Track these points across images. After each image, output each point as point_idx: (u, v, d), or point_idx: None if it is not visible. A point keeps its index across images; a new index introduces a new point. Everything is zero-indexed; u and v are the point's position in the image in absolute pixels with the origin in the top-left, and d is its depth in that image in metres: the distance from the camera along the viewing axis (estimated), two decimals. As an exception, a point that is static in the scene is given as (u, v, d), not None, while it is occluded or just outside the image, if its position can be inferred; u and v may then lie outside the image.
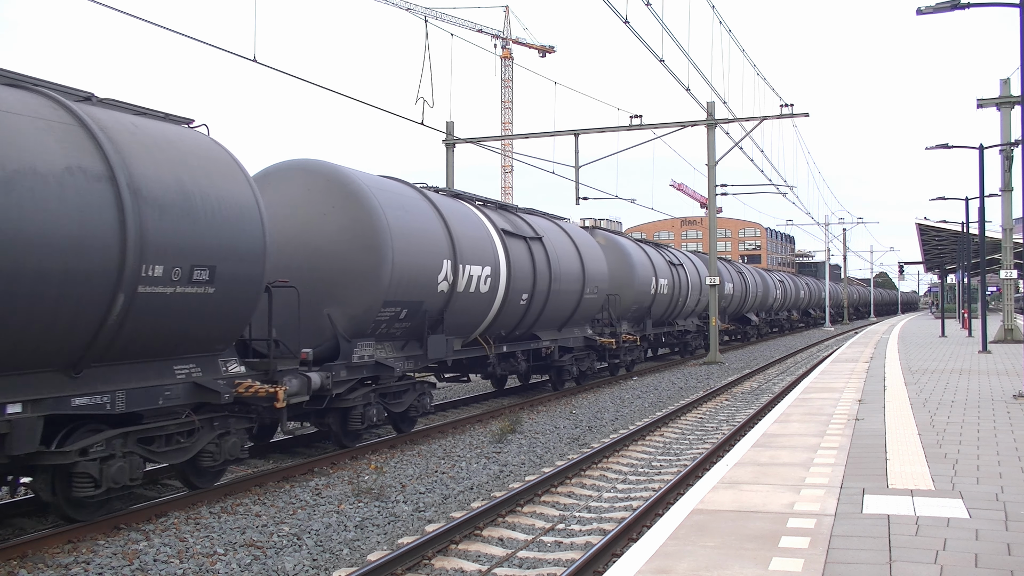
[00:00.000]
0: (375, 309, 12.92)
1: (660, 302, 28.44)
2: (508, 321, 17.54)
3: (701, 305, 33.93)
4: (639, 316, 27.02)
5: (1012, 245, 30.47)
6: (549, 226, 20.35)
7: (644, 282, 26.32)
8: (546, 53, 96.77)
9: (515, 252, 17.45)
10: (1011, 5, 15.44)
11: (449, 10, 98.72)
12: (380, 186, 13.87)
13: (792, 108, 30.86)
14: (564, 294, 19.53)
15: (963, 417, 11.86)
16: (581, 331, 21.67)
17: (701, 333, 34.99)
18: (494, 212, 18.10)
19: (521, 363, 18.92)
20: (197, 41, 14.41)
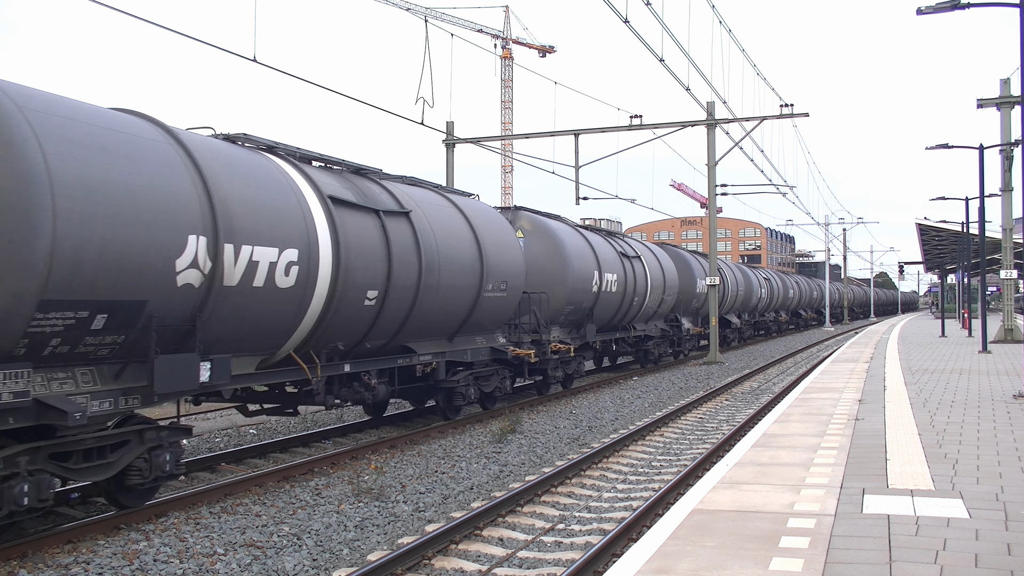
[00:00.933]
0: (18, 315, 7.75)
1: (607, 302, 23.15)
2: (347, 330, 12.41)
3: (666, 306, 29.22)
4: (577, 320, 21.77)
5: (1012, 245, 30.47)
6: (430, 200, 15.32)
7: (582, 277, 21.16)
8: (546, 53, 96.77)
9: (353, 230, 12.21)
10: (1011, 5, 15.44)
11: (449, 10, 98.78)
12: (47, 108, 8.35)
13: (792, 108, 30.88)
14: (448, 291, 14.60)
15: (963, 417, 11.86)
16: (488, 340, 16.80)
17: (669, 339, 30.44)
18: (324, 173, 12.76)
19: (377, 388, 13.42)
20: (197, 41, 14.41)
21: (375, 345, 13.50)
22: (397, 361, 14.19)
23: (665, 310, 29.55)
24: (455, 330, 15.56)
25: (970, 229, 35.80)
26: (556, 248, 20.54)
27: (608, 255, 23.55)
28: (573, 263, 20.73)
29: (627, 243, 26.85)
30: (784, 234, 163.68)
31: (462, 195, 17.49)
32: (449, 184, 32.54)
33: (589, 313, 22.20)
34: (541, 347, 19.21)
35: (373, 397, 13.47)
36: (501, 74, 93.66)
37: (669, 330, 30.07)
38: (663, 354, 30.25)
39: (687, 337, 32.61)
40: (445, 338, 15.46)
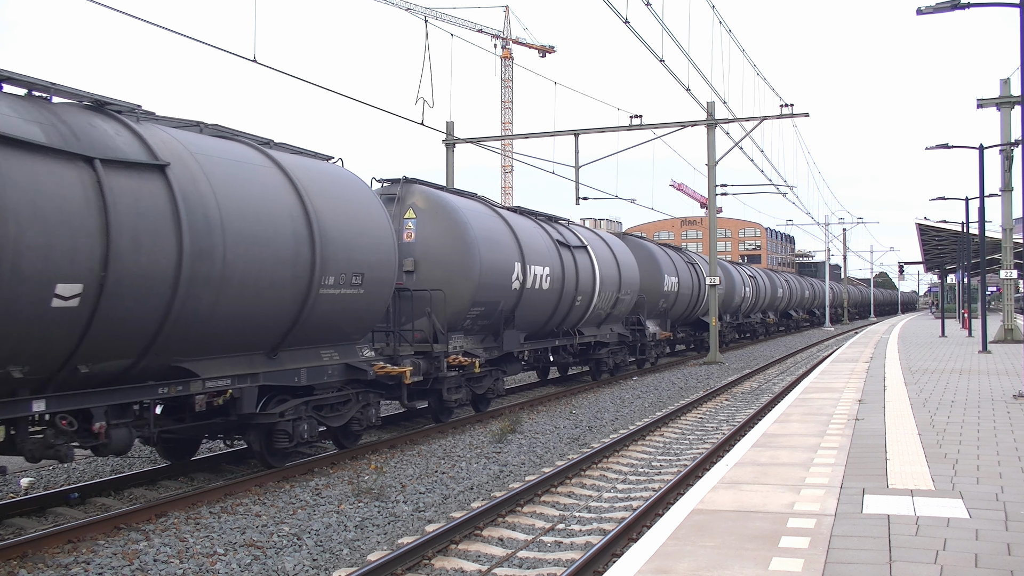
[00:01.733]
0: None
1: (536, 302, 18.58)
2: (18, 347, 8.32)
3: (624, 307, 24.67)
4: (490, 324, 17.11)
5: (1012, 245, 30.46)
6: (226, 154, 11.18)
7: (496, 270, 16.61)
8: (546, 53, 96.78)
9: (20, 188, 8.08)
10: (1011, 5, 15.44)
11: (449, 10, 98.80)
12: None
13: (792, 108, 30.88)
14: (249, 285, 10.63)
15: (963, 417, 11.86)
16: (344, 354, 12.74)
17: (629, 346, 26.43)
18: None
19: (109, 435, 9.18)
20: (197, 41, 14.41)
21: (101, 369, 9.11)
22: (159, 391, 9.77)
23: (623, 311, 24.90)
24: (276, 342, 11.27)
25: (970, 229, 35.80)
26: (457, 232, 15.80)
27: (538, 243, 18.91)
28: (481, 251, 15.97)
29: (572, 231, 22.02)
30: (784, 234, 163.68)
31: (308, 156, 12.97)
32: (449, 182, 32.42)
33: (508, 316, 17.37)
34: (433, 361, 15.02)
35: (99, 448, 9.44)
36: (501, 74, 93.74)
37: (629, 335, 25.93)
38: (621, 364, 25.77)
39: (653, 343, 28.60)
40: (261, 353, 11.17)
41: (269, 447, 11.68)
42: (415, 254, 15.75)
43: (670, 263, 30.56)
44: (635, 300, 25.43)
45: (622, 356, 25.81)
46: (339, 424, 12.79)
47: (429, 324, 15.22)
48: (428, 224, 15.86)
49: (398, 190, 16.10)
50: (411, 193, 16.16)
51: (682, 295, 31.51)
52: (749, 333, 48.69)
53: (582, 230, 23.45)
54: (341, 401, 12.83)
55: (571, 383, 24.15)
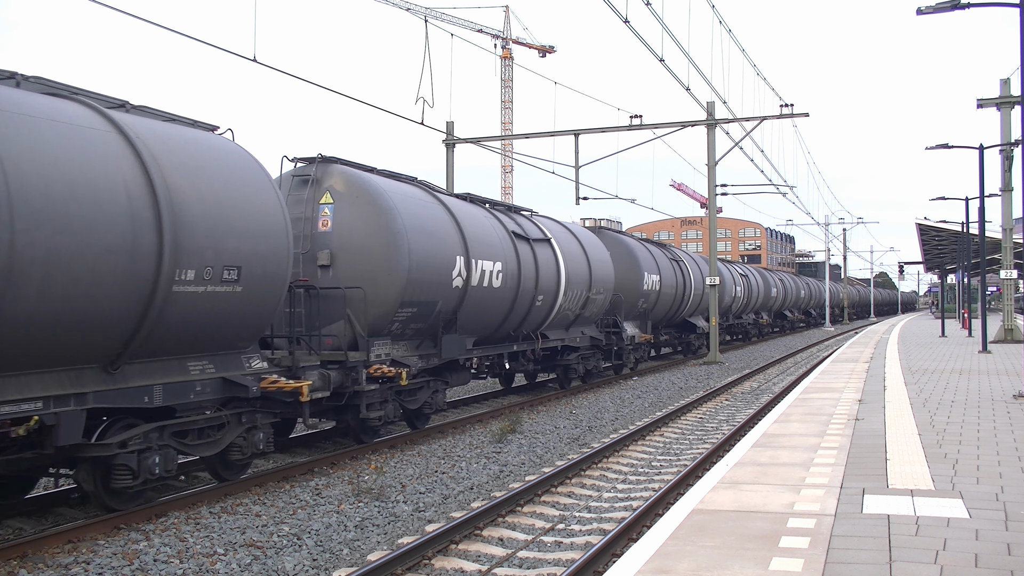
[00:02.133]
0: None
1: (486, 302, 16.27)
2: None
3: (597, 307, 22.39)
4: (426, 328, 14.73)
5: (1012, 245, 30.47)
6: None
7: (431, 265, 14.22)
8: (546, 53, 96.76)
9: None
10: (1011, 5, 15.44)
11: (449, 10, 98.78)
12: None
13: (792, 108, 30.88)
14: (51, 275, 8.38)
15: (963, 417, 11.86)
16: (222, 366, 10.55)
17: (601, 351, 23.78)
18: None
19: None
20: (197, 41, 14.41)
21: None
22: None
23: (596, 313, 22.70)
24: (115, 352, 9.07)
25: (970, 229, 35.80)
26: (382, 219, 13.44)
27: (488, 235, 16.62)
28: (411, 242, 13.62)
29: (534, 222, 19.88)
30: (784, 234, 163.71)
31: (182, 124, 10.74)
32: (449, 187, 32.39)
33: (450, 318, 15.15)
34: (349, 372, 12.76)
35: None
36: (501, 74, 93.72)
37: (603, 339, 23.51)
38: (594, 370, 23.25)
39: (631, 346, 26.12)
40: (95, 367, 8.99)
41: (107, 486, 9.30)
42: (332, 246, 13.35)
43: (651, 260, 28.08)
44: (609, 300, 23.23)
45: (595, 362, 23.22)
46: (212, 453, 10.36)
47: (348, 328, 13.01)
48: (348, 210, 13.48)
49: (313, 170, 13.70)
50: (329, 174, 13.71)
51: (665, 294, 29.13)
52: (741, 335, 46.05)
53: (547, 222, 20.96)
54: (214, 425, 10.39)
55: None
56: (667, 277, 29.40)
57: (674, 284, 30.36)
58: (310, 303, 12.79)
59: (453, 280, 14.92)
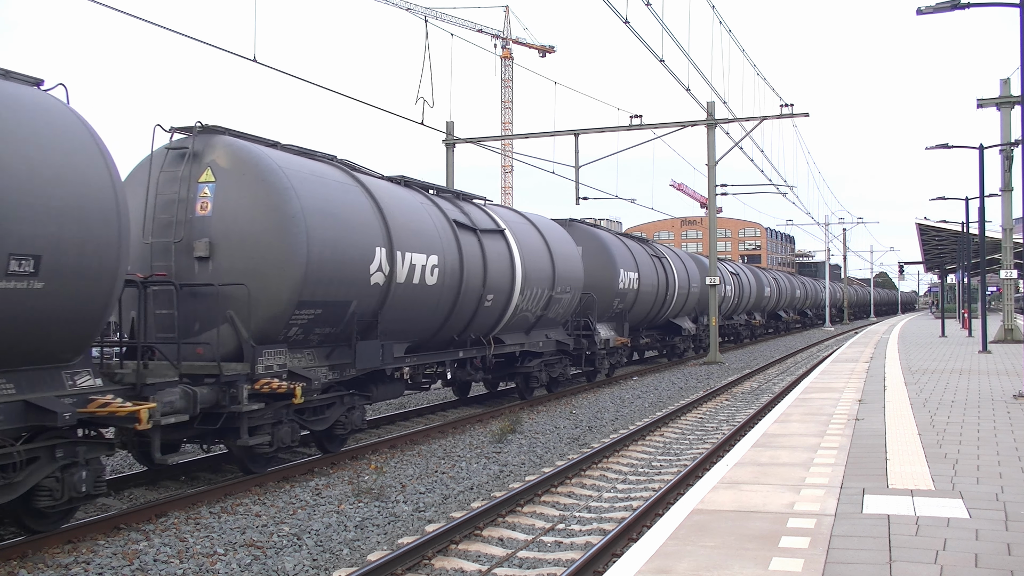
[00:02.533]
0: None
1: (416, 302, 13.93)
2: None
3: (563, 308, 19.94)
4: (337, 334, 12.49)
5: (1012, 245, 30.48)
6: None
7: (341, 259, 12.01)
8: (546, 53, 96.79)
9: None
10: (1011, 5, 15.45)
11: (449, 10, 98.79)
12: None
13: (792, 108, 30.88)
14: None
15: (963, 417, 11.86)
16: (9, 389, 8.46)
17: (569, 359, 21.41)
18: None
19: None
20: (197, 41, 14.41)
21: None
22: None
23: (562, 314, 20.21)
24: None
25: (970, 229, 35.81)
26: (273, 200, 11.12)
27: (421, 223, 14.21)
28: (311, 229, 11.31)
29: (486, 211, 17.60)
30: (784, 234, 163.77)
31: None
32: (449, 185, 32.39)
33: (369, 321, 12.84)
34: (225, 389, 10.58)
35: None
36: (501, 74, 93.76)
37: (570, 343, 20.71)
38: (560, 377, 20.80)
39: (605, 351, 23.67)
40: None
41: None
42: (211, 233, 11.07)
43: (628, 256, 25.59)
44: (579, 300, 20.96)
45: (561, 368, 20.78)
46: (11, 498, 8.06)
47: (232, 334, 10.88)
48: (232, 190, 11.16)
49: (191, 143, 11.39)
50: (211, 147, 11.38)
51: (644, 293, 26.63)
52: (732, 337, 43.34)
53: (505, 212, 18.86)
54: (9, 463, 7.97)
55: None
56: (647, 275, 26.99)
57: (655, 283, 27.90)
58: (186, 305, 10.81)
59: (372, 276, 12.59)
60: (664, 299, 29.22)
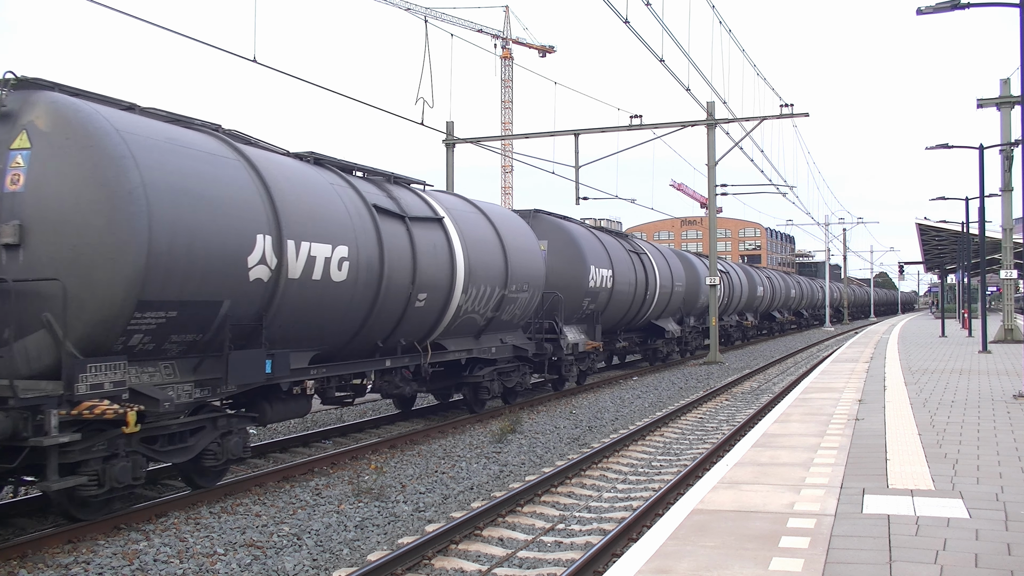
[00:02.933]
0: None
1: (315, 303, 11.54)
2: None
3: (519, 308, 17.43)
4: (203, 343, 10.07)
5: (1012, 245, 30.48)
6: None
7: (201, 247, 9.63)
8: (546, 53, 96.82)
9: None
10: (1011, 5, 15.45)
11: (449, 10, 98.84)
12: None
13: (792, 108, 30.88)
14: None
15: (963, 417, 11.86)
16: None
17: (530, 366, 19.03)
18: None
19: None
20: (197, 41, 14.41)
21: None
22: None
23: (520, 316, 17.77)
24: None
25: (970, 229, 35.81)
26: (102, 173, 8.70)
27: (328, 208, 11.95)
28: (156, 210, 9.00)
29: (423, 196, 15.21)
30: (784, 234, 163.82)
31: None
32: (449, 187, 32.37)
33: (252, 326, 10.56)
34: (25, 416, 8.17)
35: None
36: (501, 74, 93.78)
37: (529, 349, 18.40)
38: (518, 387, 18.28)
39: (574, 356, 21.06)
40: None
41: None
42: (23, 214, 8.65)
43: (600, 251, 23.00)
44: (540, 300, 18.74)
45: (519, 376, 18.18)
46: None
47: (49, 343, 8.47)
48: (52, 160, 8.71)
49: (6, 99, 8.90)
50: (31, 106, 8.89)
51: (620, 293, 24.07)
52: (721, 339, 38.87)
53: (447, 198, 16.44)
54: None
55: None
56: (623, 272, 24.23)
57: (632, 281, 25.14)
58: None
59: (251, 270, 10.21)
60: (644, 299, 26.75)
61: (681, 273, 31.28)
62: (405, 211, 13.89)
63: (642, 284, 26.41)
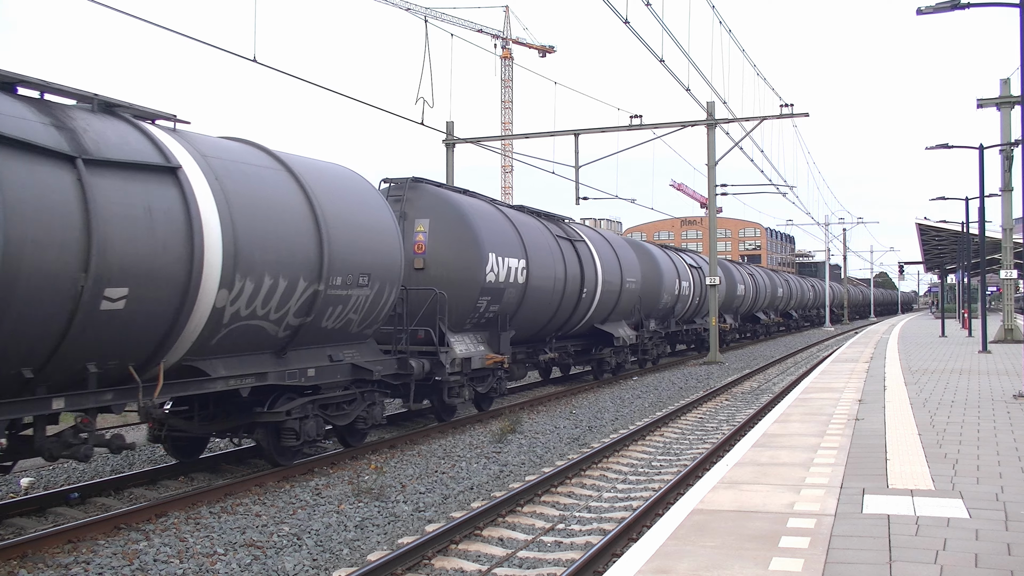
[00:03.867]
0: None
1: None
2: None
3: (363, 310, 12.55)
4: None
5: (1012, 245, 30.48)
6: None
7: None
8: (546, 53, 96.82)
9: None
10: (1011, 5, 15.44)
11: (449, 10, 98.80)
12: None
13: (792, 108, 30.88)
14: None
15: (963, 417, 11.86)
16: None
17: (383, 392, 13.88)
18: None
19: None
20: (197, 41, 14.41)
21: None
22: None
23: (360, 321, 12.67)
24: None
25: (970, 229, 35.80)
26: None
27: None
28: None
29: (133, 124, 9.76)
30: (784, 234, 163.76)
31: None
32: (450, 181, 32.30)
33: None
34: None
35: None
36: (501, 74, 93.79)
37: (375, 370, 12.92)
38: (360, 425, 13.17)
39: (462, 375, 15.79)
40: None
41: None
42: None
43: (509, 236, 17.30)
44: (392, 297, 13.29)
45: (364, 409, 13.11)
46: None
47: None
48: None
49: None
50: None
51: (538, 290, 18.27)
52: (692, 344, 34.91)
53: (204, 139, 10.89)
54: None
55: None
56: (543, 263, 18.38)
57: (559, 275, 19.25)
58: None
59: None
60: (578, 298, 20.60)
61: (635, 266, 25.14)
62: (81, 148, 8.67)
63: (576, 279, 20.28)
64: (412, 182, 16.52)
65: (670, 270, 29.37)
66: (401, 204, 16.01)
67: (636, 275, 25.11)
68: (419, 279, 15.74)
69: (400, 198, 16.16)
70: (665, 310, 29.53)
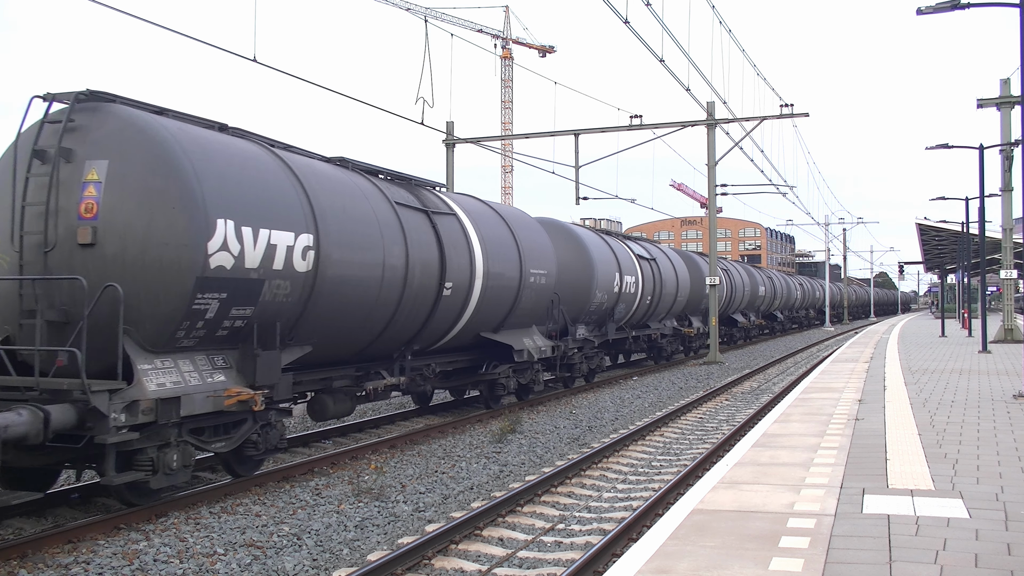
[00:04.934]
0: None
1: None
2: None
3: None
4: None
5: (1012, 245, 30.49)
6: None
7: None
8: (546, 53, 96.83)
9: None
10: (1011, 5, 15.44)
11: (449, 10, 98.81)
12: None
13: (792, 108, 30.88)
14: None
15: (963, 417, 11.86)
16: None
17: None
18: None
19: None
20: (197, 41, 14.41)
21: None
22: None
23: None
24: None
25: (970, 229, 35.81)
26: None
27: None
28: None
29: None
30: (784, 234, 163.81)
31: None
32: (449, 187, 32.36)
33: None
34: None
35: None
36: (501, 74, 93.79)
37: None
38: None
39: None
40: None
41: None
42: None
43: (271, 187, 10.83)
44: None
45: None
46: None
47: None
48: None
49: None
50: None
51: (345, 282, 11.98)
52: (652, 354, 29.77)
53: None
54: None
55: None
56: (359, 241, 12.30)
57: (401, 262, 13.30)
58: None
59: None
60: (436, 296, 14.47)
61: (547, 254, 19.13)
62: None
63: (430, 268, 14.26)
64: (88, 98, 9.97)
65: (607, 261, 23.15)
66: (61, 135, 9.67)
67: (548, 266, 18.86)
68: (86, 262, 9.48)
69: (64, 126, 9.69)
70: (600, 312, 23.20)
